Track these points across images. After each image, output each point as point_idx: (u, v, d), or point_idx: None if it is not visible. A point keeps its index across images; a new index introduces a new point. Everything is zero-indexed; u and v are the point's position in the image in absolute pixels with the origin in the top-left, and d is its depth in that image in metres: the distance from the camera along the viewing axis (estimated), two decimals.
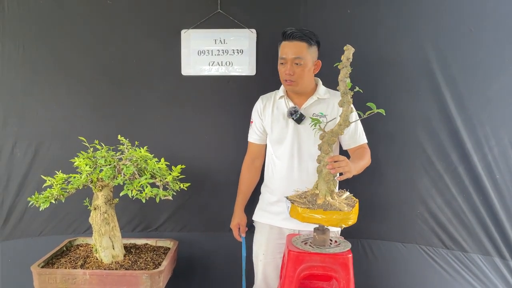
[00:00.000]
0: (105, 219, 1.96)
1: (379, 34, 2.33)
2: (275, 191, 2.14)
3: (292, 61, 1.99)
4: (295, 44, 1.99)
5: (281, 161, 2.13)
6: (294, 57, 1.98)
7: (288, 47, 2.00)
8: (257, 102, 2.23)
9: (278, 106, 2.15)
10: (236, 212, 2.28)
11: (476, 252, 2.33)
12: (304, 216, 1.64)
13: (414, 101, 2.32)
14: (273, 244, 2.16)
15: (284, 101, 2.13)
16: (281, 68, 2.04)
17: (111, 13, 2.37)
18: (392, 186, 2.39)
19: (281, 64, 2.04)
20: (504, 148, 2.26)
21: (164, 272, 1.90)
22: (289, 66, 1.99)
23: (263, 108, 2.18)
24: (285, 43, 2.01)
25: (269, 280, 2.18)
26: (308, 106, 2.10)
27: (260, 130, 2.20)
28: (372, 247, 2.44)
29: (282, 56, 2.02)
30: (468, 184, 2.31)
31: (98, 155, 1.94)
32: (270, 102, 2.18)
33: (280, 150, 2.13)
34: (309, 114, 2.07)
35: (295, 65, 1.99)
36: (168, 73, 2.41)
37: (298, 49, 1.98)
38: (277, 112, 2.14)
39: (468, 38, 2.25)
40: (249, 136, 2.26)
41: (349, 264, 1.69)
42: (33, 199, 1.85)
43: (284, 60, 2.01)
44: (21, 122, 2.38)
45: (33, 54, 2.35)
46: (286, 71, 2.01)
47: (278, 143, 2.13)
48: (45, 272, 1.85)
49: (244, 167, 2.28)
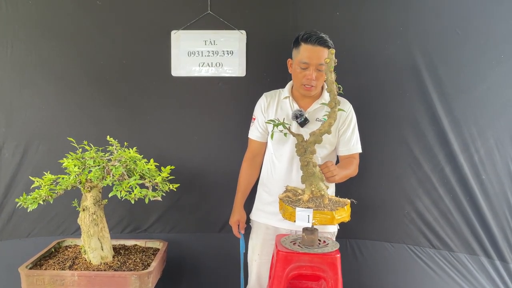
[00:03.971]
0: (94, 220, 1.95)
1: (367, 36, 2.35)
2: (272, 191, 2.13)
3: (316, 66, 1.94)
4: (320, 49, 1.93)
5: (281, 162, 2.11)
6: (320, 63, 1.93)
7: (313, 52, 1.93)
8: (260, 99, 2.18)
9: (283, 106, 2.12)
10: (236, 208, 2.24)
11: (463, 252, 2.36)
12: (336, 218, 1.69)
13: (402, 102, 2.35)
14: (268, 245, 2.15)
15: (289, 102, 2.10)
16: (301, 72, 1.97)
17: (100, 13, 2.36)
18: (379, 186, 2.41)
19: (301, 69, 1.97)
20: (490, 149, 2.30)
21: (153, 273, 1.89)
22: (312, 72, 1.94)
23: (267, 106, 2.14)
24: (308, 47, 1.94)
25: (263, 281, 2.17)
26: (313, 110, 2.07)
27: (262, 128, 2.16)
28: (360, 247, 2.46)
29: (305, 61, 1.95)
30: (455, 184, 2.34)
31: (87, 156, 1.93)
32: (274, 100, 2.13)
33: (280, 151, 2.11)
34: (313, 119, 2.05)
35: (317, 70, 1.95)
36: (158, 74, 2.41)
37: (323, 55, 1.93)
38: (281, 112, 2.10)
39: (455, 40, 2.28)
40: (251, 133, 2.21)
41: (337, 264, 1.71)
42: (21, 200, 1.84)
43: (307, 65, 1.95)
44: (9, 122, 2.36)
45: (21, 54, 2.33)
46: (308, 76, 1.95)
47: (279, 143, 2.10)
48: (33, 273, 1.83)
49: (245, 163, 2.23)
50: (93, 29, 2.37)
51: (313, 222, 1.66)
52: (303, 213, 1.66)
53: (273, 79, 2.37)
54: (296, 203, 1.73)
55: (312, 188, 1.75)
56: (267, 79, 2.40)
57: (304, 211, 1.66)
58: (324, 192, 1.74)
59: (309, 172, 1.76)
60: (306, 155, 1.76)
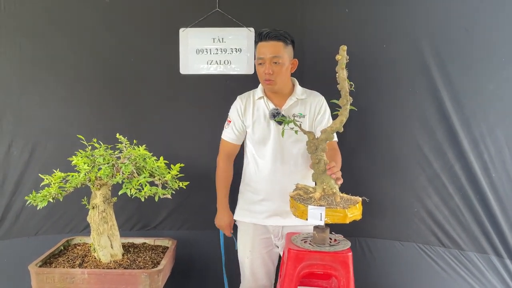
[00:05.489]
0: (104, 218, 1.95)
1: (376, 33, 2.34)
2: (259, 190, 2.14)
3: (271, 60, 2.01)
4: (272, 44, 2.01)
5: (265, 161, 2.13)
6: (272, 56, 2.00)
7: (266, 47, 2.02)
8: (235, 102, 2.21)
9: (258, 107, 2.15)
10: (224, 210, 2.23)
11: (473, 250, 2.35)
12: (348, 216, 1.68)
13: (411, 100, 2.34)
14: (258, 240, 2.18)
15: (263, 101, 2.14)
16: (260, 68, 2.06)
17: (109, 12, 2.36)
18: (389, 185, 2.40)
19: (259, 65, 2.06)
20: (499, 147, 2.28)
21: (163, 271, 1.89)
22: (267, 65, 2.01)
23: (244, 109, 2.17)
24: (262, 44, 2.04)
25: (258, 276, 2.20)
26: (288, 107, 2.12)
27: (239, 130, 2.18)
28: (370, 245, 2.46)
29: (260, 56, 2.04)
30: (465, 182, 2.32)
31: (97, 154, 1.92)
32: (249, 102, 2.17)
33: (262, 150, 2.13)
34: (289, 115, 2.08)
35: (273, 64, 2.02)
36: (166, 72, 2.41)
37: (276, 49, 2.01)
38: (257, 113, 2.14)
39: (464, 38, 2.27)
40: (225, 135, 2.21)
41: (349, 262, 1.70)
42: (31, 198, 1.84)
43: (262, 60, 2.03)
44: (18, 120, 2.37)
45: (29, 52, 2.34)
46: (265, 71, 2.02)
47: (260, 143, 2.13)
48: (43, 271, 1.83)
49: (222, 163, 2.23)
50: (101, 27, 2.37)
51: (325, 220, 1.65)
52: (316, 211, 1.65)
53: None
54: (307, 201, 1.72)
55: (323, 186, 1.74)
56: None
57: (317, 209, 1.65)
58: (335, 190, 1.73)
59: (320, 170, 1.75)
60: (317, 153, 1.75)
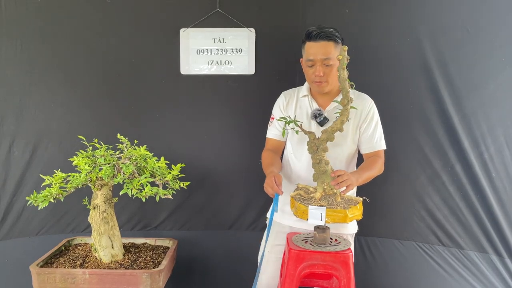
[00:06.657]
0: (105, 218, 1.95)
1: (377, 34, 2.34)
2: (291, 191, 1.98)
3: (322, 62, 1.89)
4: (322, 44, 1.88)
5: (301, 162, 2.04)
6: (324, 58, 1.88)
7: (316, 48, 1.89)
8: (279, 98, 2.11)
9: (301, 105, 2.05)
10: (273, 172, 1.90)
11: (473, 249, 2.36)
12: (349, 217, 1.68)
13: (412, 99, 2.34)
14: (278, 243, 2.05)
15: (308, 100, 2.03)
16: (309, 70, 1.93)
17: (109, 12, 2.35)
18: (389, 184, 2.40)
19: (309, 67, 1.93)
20: (500, 146, 2.29)
21: (164, 271, 1.90)
22: (318, 67, 1.89)
23: (286, 105, 2.07)
24: (311, 44, 1.90)
25: (277, 274, 2.03)
26: (333, 108, 1.98)
27: (282, 126, 2.02)
28: (370, 244, 2.46)
29: (309, 58, 1.90)
30: (465, 181, 2.33)
31: (98, 154, 1.93)
32: (293, 99, 2.07)
33: (300, 150, 2.04)
34: (332, 117, 1.97)
35: (324, 66, 1.90)
36: (167, 72, 2.41)
37: (326, 49, 1.88)
38: (300, 111, 2.04)
39: (466, 38, 2.27)
40: (269, 132, 2.11)
41: (349, 262, 1.70)
42: (32, 198, 1.84)
43: (312, 62, 1.90)
44: (19, 120, 2.37)
45: (30, 52, 2.34)
46: (315, 73, 1.90)
47: (299, 144, 2.04)
48: (44, 271, 1.84)
49: (266, 152, 2.08)
50: (102, 27, 2.37)
51: (326, 221, 1.66)
52: (316, 211, 1.65)
53: (282, 77, 2.38)
54: (308, 201, 1.72)
55: (324, 186, 1.74)
56: (276, 77, 2.40)
57: (317, 209, 1.66)
58: (336, 190, 1.73)
59: (321, 170, 1.75)
60: (318, 153, 1.75)
